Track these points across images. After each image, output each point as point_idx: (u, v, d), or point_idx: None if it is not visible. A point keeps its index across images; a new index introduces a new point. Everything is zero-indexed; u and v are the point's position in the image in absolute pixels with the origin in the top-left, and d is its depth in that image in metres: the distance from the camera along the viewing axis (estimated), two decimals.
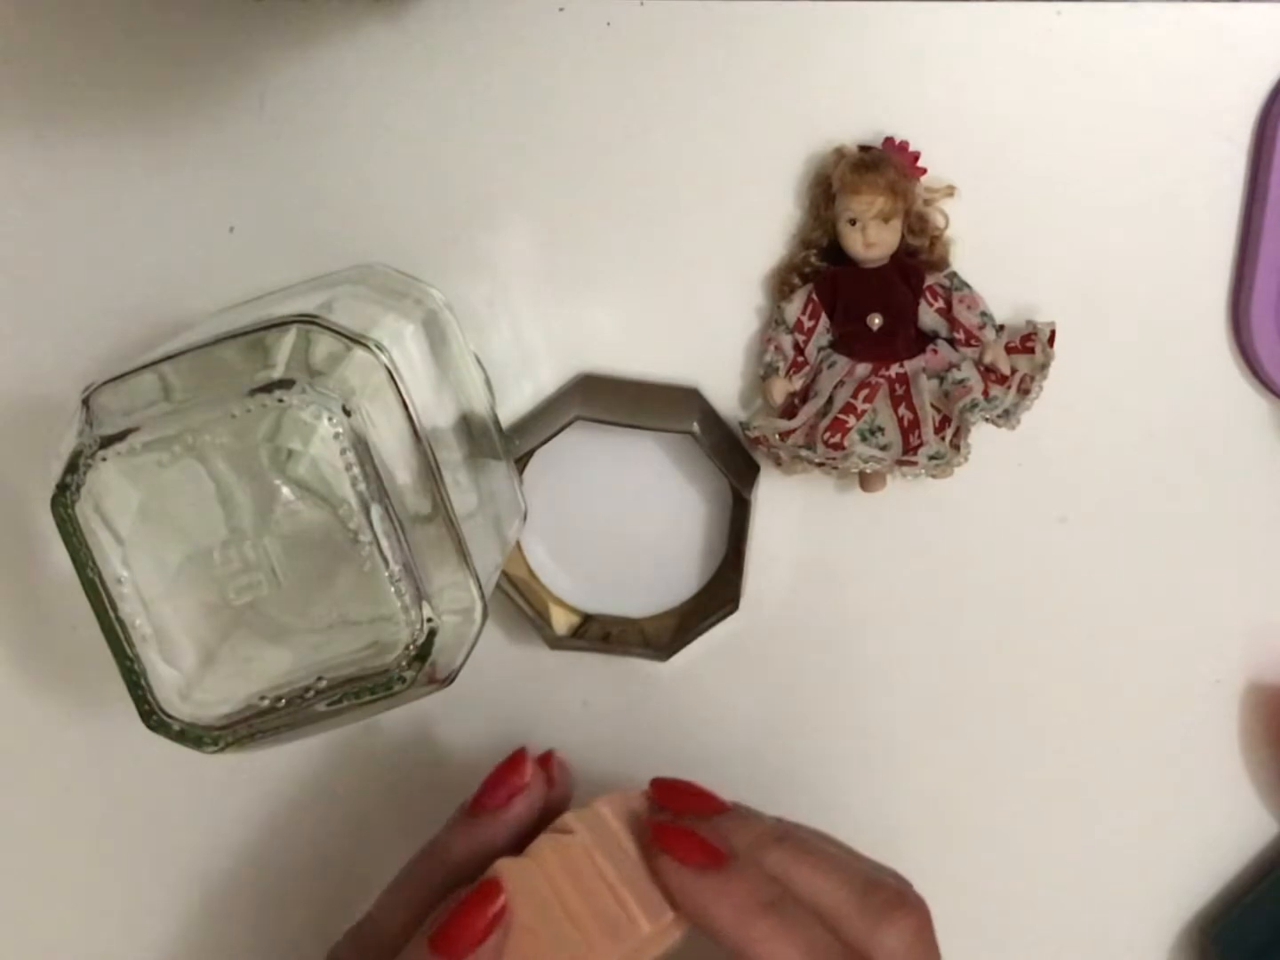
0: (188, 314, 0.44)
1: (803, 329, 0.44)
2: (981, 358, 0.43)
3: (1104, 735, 0.48)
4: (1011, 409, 0.43)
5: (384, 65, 0.44)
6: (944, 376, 0.43)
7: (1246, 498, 0.47)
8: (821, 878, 0.37)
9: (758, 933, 0.35)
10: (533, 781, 0.40)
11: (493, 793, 0.40)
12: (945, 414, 0.43)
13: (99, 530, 0.34)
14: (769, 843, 0.37)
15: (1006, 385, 0.43)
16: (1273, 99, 0.43)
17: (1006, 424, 0.43)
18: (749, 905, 0.36)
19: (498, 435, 0.44)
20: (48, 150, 0.45)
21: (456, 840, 0.40)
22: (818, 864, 0.37)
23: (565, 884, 0.36)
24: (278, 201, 0.45)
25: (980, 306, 0.44)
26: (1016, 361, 0.43)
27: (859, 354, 0.43)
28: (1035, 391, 0.43)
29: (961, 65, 0.44)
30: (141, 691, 0.34)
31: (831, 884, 0.37)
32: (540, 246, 0.45)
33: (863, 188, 0.42)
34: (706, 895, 0.36)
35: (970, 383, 0.43)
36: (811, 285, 0.44)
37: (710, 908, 0.36)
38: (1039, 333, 0.43)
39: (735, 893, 0.36)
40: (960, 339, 0.44)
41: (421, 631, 0.34)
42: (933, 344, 0.44)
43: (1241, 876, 0.49)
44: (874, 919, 0.36)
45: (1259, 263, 0.44)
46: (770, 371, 0.44)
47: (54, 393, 0.45)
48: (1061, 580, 0.47)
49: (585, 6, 0.43)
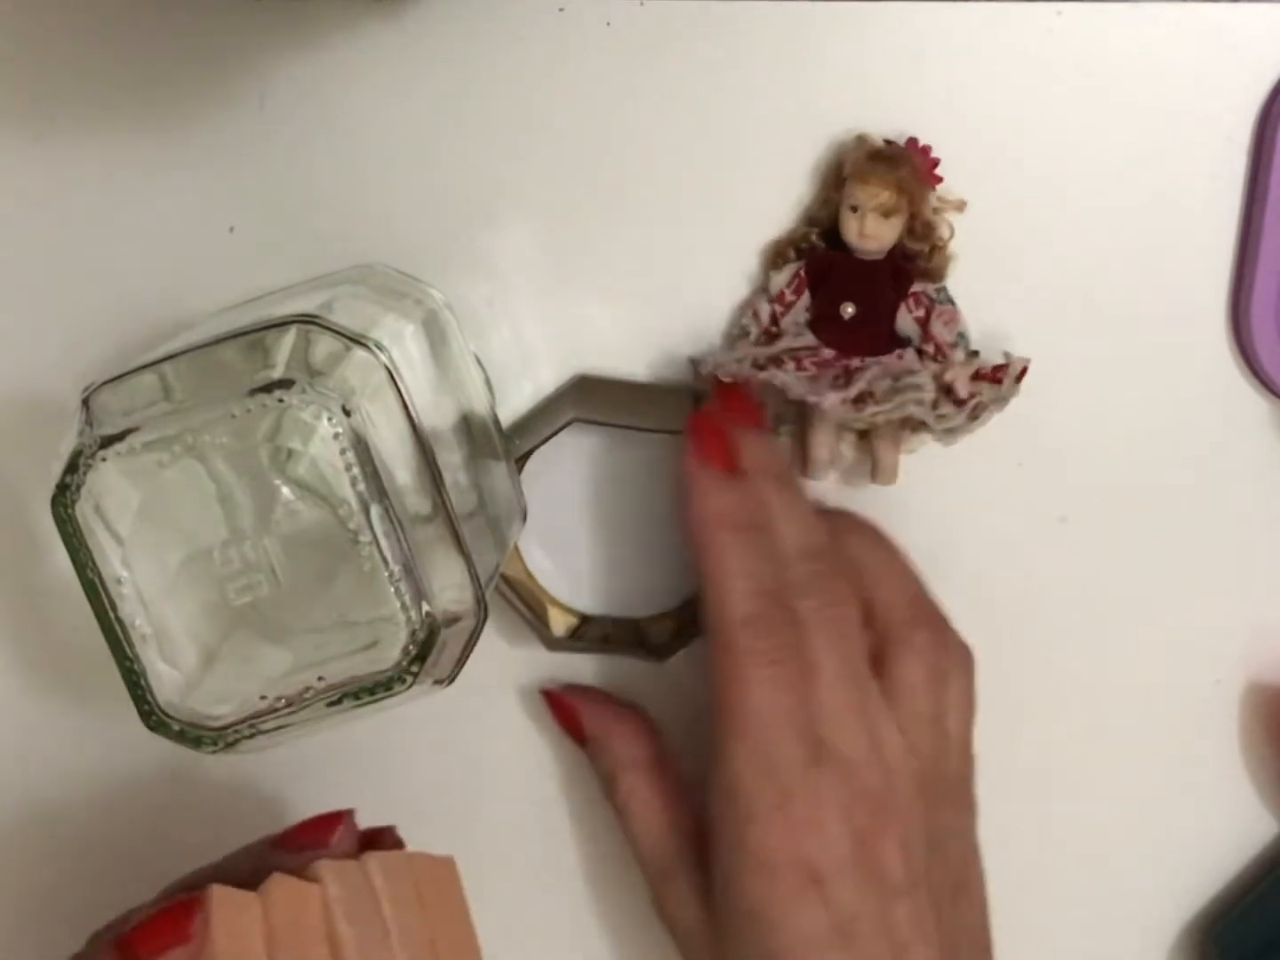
0: (188, 314, 0.44)
1: (783, 301, 0.44)
2: (942, 374, 0.43)
3: (1104, 735, 0.48)
4: (956, 429, 0.43)
5: (384, 65, 0.44)
6: (899, 378, 0.43)
7: (1246, 498, 0.47)
8: (892, 579, 0.41)
9: (715, 543, 0.38)
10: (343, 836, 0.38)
11: (311, 830, 0.37)
12: (878, 398, 0.42)
13: (99, 530, 0.34)
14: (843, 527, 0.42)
15: (960, 407, 0.43)
16: (1273, 99, 0.43)
17: (945, 440, 0.43)
18: (725, 514, 0.38)
19: (498, 435, 0.44)
20: (48, 150, 0.45)
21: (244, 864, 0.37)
22: (889, 556, 0.42)
23: (284, 936, 0.32)
24: (278, 201, 0.45)
25: (959, 326, 0.44)
26: (980, 389, 0.43)
27: (828, 338, 0.43)
28: (984, 419, 0.43)
29: (960, 65, 0.44)
30: (141, 691, 0.34)
31: (899, 587, 0.41)
32: (540, 246, 0.45)
33: (871, 178, 0.42)
34: (696, 489, 0.38)
35: (923, 386, 0.42)
36: (803, 261, 0.44)
37: (692, 499, 0.38)
38: (1010, 367, 0.43)
39: (721, 499, 0.38)
40: (929, 352, 0.44)
41: (421, 631, 0.34)
42: (900, 350, 0.44)
43: (1241, 876, 0.49)
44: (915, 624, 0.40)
45: (1259, 263, 0.44)
46: (741, 334, 0.44)
47: (54, 393, 0.45)
48: (1061, 580, 0.47)
49: (585, 6, 0.43)
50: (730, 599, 0.39)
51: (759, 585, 0.39)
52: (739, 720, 0.38)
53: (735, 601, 0.38)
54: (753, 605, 0.39)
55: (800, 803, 0.38)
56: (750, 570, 0.39)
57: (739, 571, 0.39)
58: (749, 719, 0.38)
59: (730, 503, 0.39)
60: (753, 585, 0.39)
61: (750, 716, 0.38)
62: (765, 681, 0.38)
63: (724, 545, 0.39)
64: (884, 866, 0.38)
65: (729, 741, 0.38)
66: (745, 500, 0.40)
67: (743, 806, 0.38)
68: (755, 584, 0.39)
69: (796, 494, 0.42)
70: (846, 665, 0.39)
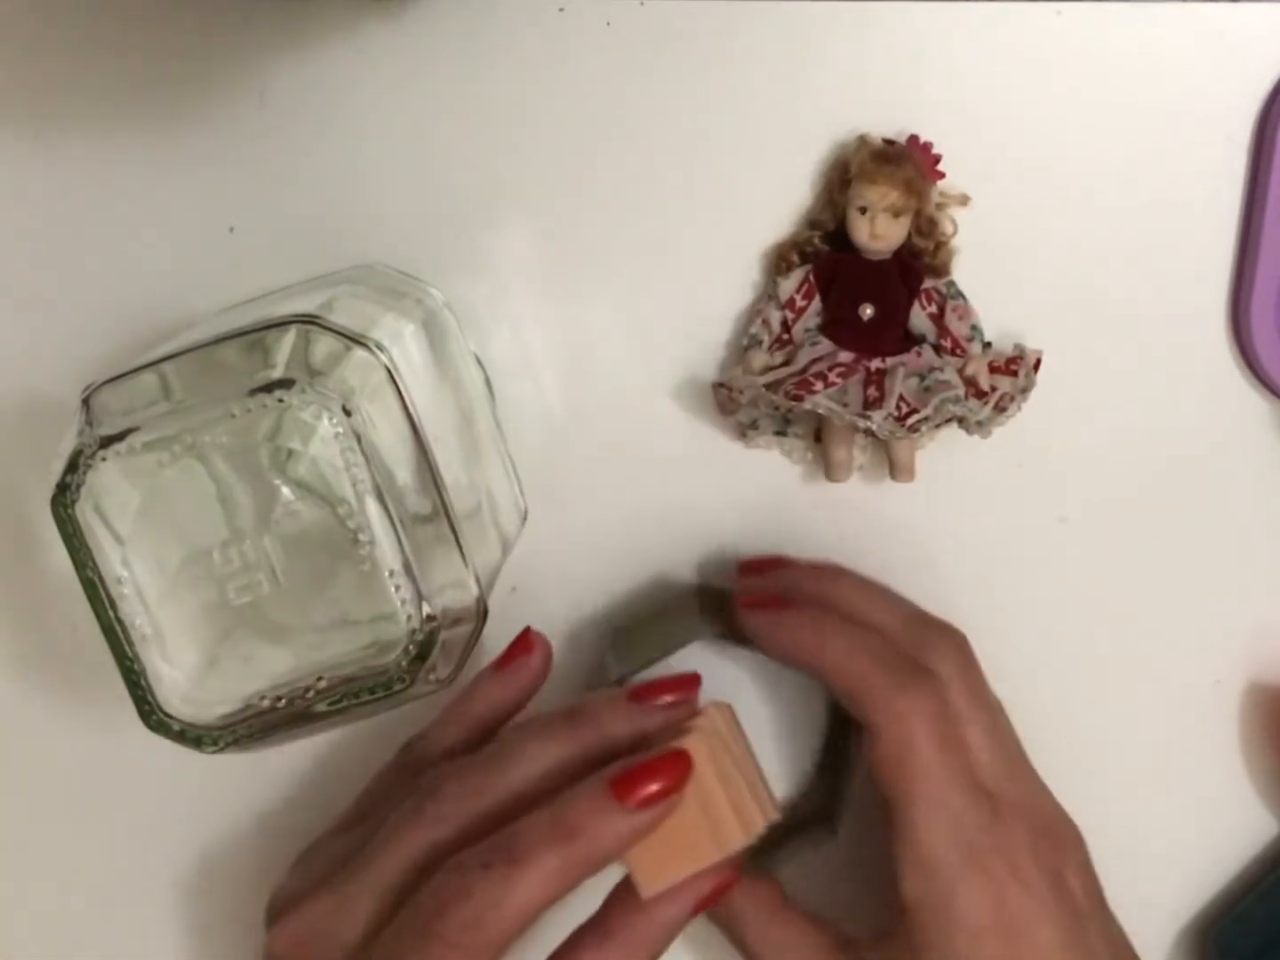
0: (188, 314, 0.44)
1: (794, 307, 0.44)
2: (964, 369, 0.43)
3: (1104, 735, 0.48)
4: (985, 422, 0.43)
5: (384, 65, 0.44)
6: (925, 376, 0.43)
7: (1246, 498, 0.47)
8: (875, 603, 0.42)
9: (828, 647, 0.40)
10: (538, 641, 0.41)
11: (515, 648, 0.41)
12: (915, 406, 0.42)
13: (99, 530, 0.34)
14: (826, 579, 0.43)
15: (984, 400, 0.43)
16: (1273, 99, 0.43)
17: (979, 433, 0.43)
18: (815, 624, 0.40)
19: (498, 435, 0.44)
20: (48, 150, 0.45)
21: (484, 690, 0.41)
22: (875, 593, 0.43)
23: (708, 774, 0.36)
24: (278, 201, 0.45)
25: (972, 320, 0.44)
26: (998, 382, 0.43)
27: (844, 341, 0.43)
28: (1011, 411, 0.43)
29: (960, 65, 0.44)
30: (141, 691, 0.34)
31: (885, 608, 0.42)
32: (540, 246, 0.45)
33: (879, 178, 0.42)
34: (780, 629, 0.41)
35: (952, 383, 0.42)
36: (810, 266, 0.44)
37: (776, 636, 0.41)
38: (1025, 358, 0.43)
39: (798, 620, 0.41)
40: (946, 347, 0.44)
41: (421, 631, 0.34)
42: (918, 347, 0.44)
43: (1241, 876, 0.49)
44: (925, 639, 0.41)
45: (1259, 263, 0.44)
46: (753, 343, 0.44)
47: (54, 393, 0.45)
48: (1061, 580, 0.47)
49: (585, 6, 0.43)
50: (875, 673, 0.39)
51: (890, 661, 0.40)
52: (916, 787, 0.39)
53: (879, 677, 0.39)
54: (895, 669, 0.39)
55: (996, 859, 0.38)
56: (875, 648, 0.40)
57: (857, 645, 0.40)
58: (926, 783, 0.38)
59: (807, 618, 0.41)
60: (882, 662, 0.40)
61: (926, 780, 0.38)
62: (934, 739, 0.39)
63: (838, 642, 0.40)
64: (1073, 895, 0.40)
65: (909, 813, 0.39)
66: (815, 611, 0.41)
67: (944, 879, 0.38)
68: (885, 661, 0.40)
69: (860, 581, 0.44)
70: (987, 710, 0.41)
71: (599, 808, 0.35)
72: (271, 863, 0.49)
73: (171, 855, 0.50)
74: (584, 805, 0.35)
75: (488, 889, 0.34)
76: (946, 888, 0.38)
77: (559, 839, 0.34)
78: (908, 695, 0.39)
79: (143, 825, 0.49)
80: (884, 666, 0.39)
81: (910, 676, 0.39)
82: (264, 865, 0.49)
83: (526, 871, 0.34)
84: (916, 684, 0.39)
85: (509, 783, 0.37)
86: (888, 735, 0.39)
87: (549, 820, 0.35)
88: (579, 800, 0.35)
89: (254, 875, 0.49)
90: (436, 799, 0.37)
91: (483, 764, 0.37)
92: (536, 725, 0.38)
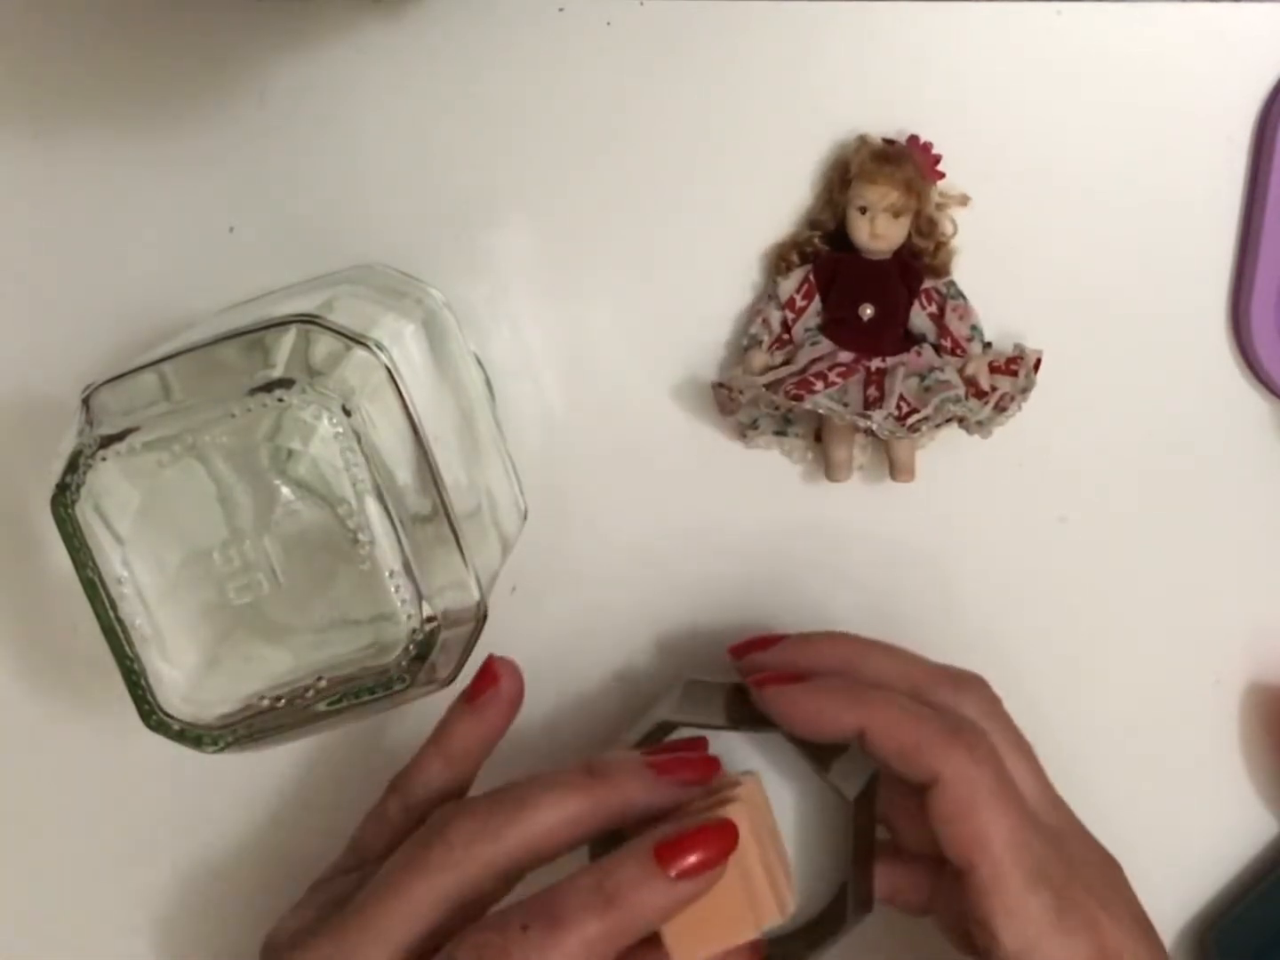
0: (188, 314, 0.44)
1: (794, 307, 0.44)
2: (964, 368, 0.43)
3: (1104, 735, 0.48)
4: (985, 422, 0.43)
5: (384, 65, 0.44)
6: (925, 375, 0.43)
7: (1246, 498, 0.47)
8: (891, 662, 0.41)
9: (871, 710, 0.39)
10: (504, 669, 0.40)
11: (482, 680, 0.40)
12: (915, 406, 0.42)
13: (99, 530, 0.34)
14: (831, 646, 0.42)
15: (984, 400, 0.43)
16: (1273, 99, 0.43)
17: (979, 433, 0.43)
18: (849, 691, 0.39)
19: (498, 435, 0.44)
20: (48, 150, 0.45)
21: (460, 727, 0.40)
22: (886, 651, 0.42)
23: (750, 846, 0.36)
24: (278, 201, 0.45)
25: (972, 320, 0.44)
26: (998, 381, 0.43)
27: (844, 341, 0.43)
28: (1012, 411, 0.43)
29: (960, 65, 0.44)
30: (141, 691, 0.34)
31: (902, 665, 0.41)
32: (540, 246, 0.45)
33: (880, 178, 0.42)
34: (812, 699, 0.39)
35: (953, 382, 0.43)
36: (810, 266, 0.44)
37: (806, 708, 0.39)
38: (1025, 358, 0.43)
39: (829, 689, 0.39)
40: (946, 346, 0.44)
41: (421, 631, 0.34)
42: (918, 346, 0.44)
43: (1241, 876, 0.49)
44: (953, 689, 0.41)
45: (1259, 263, 0.44)
46: (753, 343, 0.44)
47: (54, 393, 0.45)
48: (1061, 580, 0.47)
49: (585, 6, 0.43)
50: (924, 728, 0.38)
51: (931, 714, 0.39)
52: (995, 834, 0.38)
53: (931, 731, 0.38)
54: (940, 722, 0.39)
55: (1079, 893, 0.38)
56: (913, 705, 0.39)
57: (913, 713, 0.39)
58: (1003, 829, 0.38)
59: (842, 683, 0.40)
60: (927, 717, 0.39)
61: (1002, 826, 0.38)
62: (997, 784, 0.38)
63: (879, 703, 0.39)
64: (1142, 912, 0.40)
65: (993, 862, 0.38)
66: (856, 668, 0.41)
67: (1044, 922, 0.37)
68: (927, 715, 0.39)
69: (866, 643, 0.42)
70: (1022, 747, 0.41)
71: (643, 876, 0.34)
72: (272, 863, 0.49)
73: (172, 855, 0.50)
74: (628, 873, 0.34)
75: (526, 953, 0.33)
76: (1047, 930, 0.37)
77: (601, 905, 0.34)
78: (963, 744, 0.38)
79: (143, 825, 0.49)
80: (930, 721, 0.38)
81: (956, 727, 0.39)
82: (264, 865, 0.49)
83: (567, 938, 0.33)
84: (965, 733, 0.38)
85: (522, 832, 0.36)
86: (954, 786, 0.37)
87: (592, 885, 0.34)
88: (623, 867, 0.34)
89: (254, 875, 0.49)
90: (445, 843, 0.36)
91: (492, 809, 0.36)
92: (554, 777, 0.37)
